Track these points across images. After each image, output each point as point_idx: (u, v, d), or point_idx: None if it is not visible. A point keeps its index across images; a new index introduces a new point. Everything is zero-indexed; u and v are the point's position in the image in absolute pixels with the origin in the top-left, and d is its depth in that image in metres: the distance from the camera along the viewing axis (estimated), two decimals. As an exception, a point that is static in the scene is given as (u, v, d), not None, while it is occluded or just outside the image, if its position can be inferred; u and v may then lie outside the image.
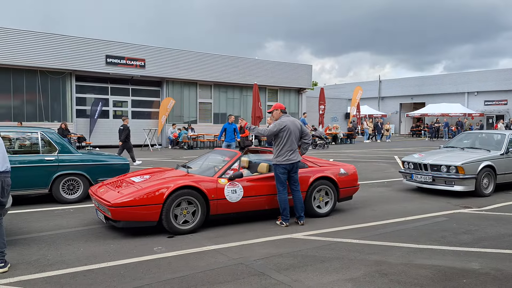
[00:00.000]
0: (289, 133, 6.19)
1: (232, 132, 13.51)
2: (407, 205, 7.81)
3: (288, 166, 6.16)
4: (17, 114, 18.87)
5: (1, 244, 4.36)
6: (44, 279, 4.10)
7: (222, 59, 24.02)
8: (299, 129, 6.37)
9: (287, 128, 6.20)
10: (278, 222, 6.30)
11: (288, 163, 6.14)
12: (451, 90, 38.32)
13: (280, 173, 6.16)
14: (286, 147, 6.16)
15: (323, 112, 25.70)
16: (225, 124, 13.70)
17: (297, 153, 6.29)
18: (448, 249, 5.14)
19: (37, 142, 7.90)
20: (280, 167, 6.15)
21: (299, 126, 6.39)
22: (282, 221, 6.22)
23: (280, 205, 6.22)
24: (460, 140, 10.40)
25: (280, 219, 6.26)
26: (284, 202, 6.19)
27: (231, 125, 13.52)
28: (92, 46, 20.10)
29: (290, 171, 6.23)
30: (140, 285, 3.95)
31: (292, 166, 6.19)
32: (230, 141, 13.35)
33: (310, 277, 4.19)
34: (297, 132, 6.32)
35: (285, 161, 6.13)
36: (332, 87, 47.38)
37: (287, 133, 6.18)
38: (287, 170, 6.18)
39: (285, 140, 6.17)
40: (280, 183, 6.20)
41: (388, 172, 12.65)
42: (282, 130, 6.18)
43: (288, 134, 6.18)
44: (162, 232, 5.71)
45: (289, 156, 6.15)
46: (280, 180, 6.19)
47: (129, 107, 22.06)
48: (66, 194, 7.82)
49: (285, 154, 6.14)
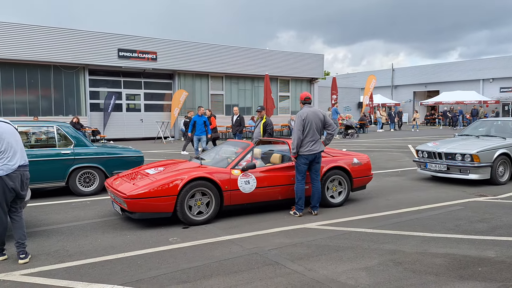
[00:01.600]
0: (310, 123, 6.19)
1: (202, 125, 12.72)
2: (421, 194, 7.77)
3: (310, 157, 6.18)
4: (33, 109, 19.16)
5: (21, 236, 4.47)
6: (64, 269, 4.21)
7: (233, 51, 23.97)
8: (321, 119, 6.34)
9: (307, 118, 6.20)
10: (291, 212, 6.33)
11: (310, 153, 6.15)
12: (465, 77, 37.71)
13: (302, 163, 6.18)
14: (308, 137, 6.16)
15: (335, 102, 25.54)
16: (194, 116, 12.98)
17: (319, 143, 6.28)
18: (463, 237, 5.12)
19: (53, 136, 8.03)
20: (302, 158, 6.17)
21: (321, 116, 6.37)
22: (296, 211, 6.25)
23: (296, 195, 6.23)
24: (475, 128, 10.27)
25: (294, 208, 6.29)
26: (301, 192, 6.21)
27: (201, 117, 12.76)
28: (104, 40, 20.24)
29: (312, 161, 6.24)
30: (156, 275, 4.03)
31: (314, 156, 6.21)
32: (200, 134, 12.68)
33: (324, 266, 4.22)
34: (319, 123, 6.30)
35: (307, 151, 6.14)
36: (344, 77, 47.02)
37: (307, 123, 6.17)
38: (309, 160, 6.19)
39: (306, 130, 6.17)
40: (300, 173, 6.21)
41: (402, 161, 12.57)
42: (303, 122, 6.17)
43: (309, 125, 6.17)
44: (177, 223, 5.79)
45: (310, 146, 6.16)
46: (300, 170, 6.21)
47: (142, 100, 22.21)
48: (83, 187, 7.96)
49: (306, 145, 6.15)
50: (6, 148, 4.35)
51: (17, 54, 18.23)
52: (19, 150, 4.49)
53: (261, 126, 9.27)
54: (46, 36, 18.88)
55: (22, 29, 18.45)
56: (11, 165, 4.35)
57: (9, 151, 4.37)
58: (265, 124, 9.26)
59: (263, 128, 9.22)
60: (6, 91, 18.62)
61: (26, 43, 18.39)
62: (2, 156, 4.32)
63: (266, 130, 9.17)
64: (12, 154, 4.39)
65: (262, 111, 9.54)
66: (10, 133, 4.47)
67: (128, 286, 3.77)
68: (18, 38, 18.23)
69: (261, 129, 9.25)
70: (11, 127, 4.55)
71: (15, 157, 4.40)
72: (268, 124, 9.26)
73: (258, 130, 9.38)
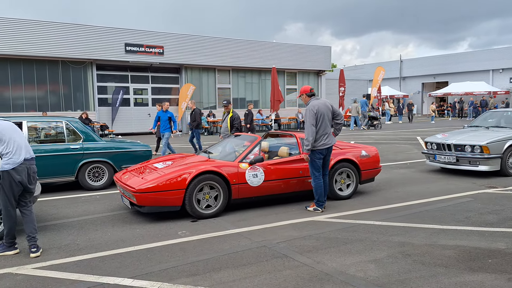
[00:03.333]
0: (322, 116, 5.96)
1: (167, 121, 11.74)
2: (430, 186, 7.72)
3: (324, 151, 6.01)
4: (42, 105, 19.30)
5: (32, 230, 4.53)
6: (75, 263, 4.25)
7: (240, 44, 23.90)
8: (330, 110, 6.12)
9: (319, 111, 5.94)
10: (310, 208, 6.12)
11: (324, 147, 5.96)
12: (475, 67, 37.25)
13: (317, 159, 5.98)
14: (321, 131, 5.94)
15: (343, 94, 25.39)
16: (158, 112, 12.10)
17: (331, 136, 6.09)
18: (473, 229, 5.08)
19: (62, 131, 8.09)
20: (316, 153, 5.96)
21: (330, 107, 6.14)
22: (318, 207, 6.06)
23: (316, 191, 6.02)
24: (485, 119, 10.16)
25: (314, 205, 6.10)
26: (320, 188, 6.00)
27: (166, 113, 11.83)
28: (111, 34, 20.28)
29: (326, 156, 6.09)
30: (166, 268, 4.06)
31: (328, 150, 6.05)
32: (164, 131, 11.65)
33: (333, 259, 4.22)
34: (329, 114, 6.08)
35: (321, 145, 5.93)
36: (351, 68, 46.71)
37: (320, 116, 5.94)
38: (323, 155, 6.02)
39: (319, 124, 5.94)
40: (316, 169, 6.01)
41: (411, 153, 12.49)
42: (316, 115, 5.93)
43: (321, 118, 5.94)
44: (186, 216, 5.82)
45: (324, 140, 5.95)
46: (315, 166, 6.00)
47: (149, 95, 22.27)
48: (92, 181, 8.02)
49: (320, 139, 5.93)
50: (10, 143, 4.43)
51: (25, 50, 18.34)
52: (23, 144, 4.56)
53: (228, 120, 8.93)
54: (53, 31, 18.97)
55: (30, 24, 18.54)
56: (16, 159, 4.41)
57: (13, 146, 4.44)
58: (232, 118, 8.92)
59: (230, 123, 8.88)
60: (15, 87, 18.78)
61: (34, 39, 18.49)
62: (7, 151, 4.39)
63: (233, 125, 8.83)
64: (17, 148, 4.46)
65: (229, 105, 9.20)
66: (12, 129, 4.55)
67: (138, 279, 3.80)
68: (26, 34, 18.33)
69: (228, 123, 8.91)
70: (11, 123, 4.65)
71: (19, 151, 4.47)
72: (235, 119, 8.93)
73: (225, 124, 9.02)
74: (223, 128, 9.21)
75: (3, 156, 4.37)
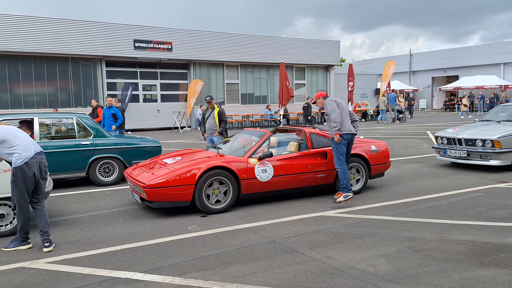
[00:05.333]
0: (342, 106, 6.42)
1: (111, 118, 11.05)
2: (440, 181, 7.67)
3: (349, 137, 6.32)
4: (52, 101, 19.47)
5: (44, 225, 4.60)
6: (87, 257, 4.31)
7: (248, 39, 23.86)
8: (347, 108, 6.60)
9: (338, 102, 6.44)
10: (338, 198, 6.19)
11: (350, 132, 6.32)
12: (486, 61, 36.73)
13: (342, 144, 6.26)
14: (344, 117, 6.34)
15: (352, 89, 25.23)
16: (104, 109, 11.42)
17: (352, 126, 6.46)
18: (484, 224, 5.05)
19: (72, 127, 8.17)
20: (342, 138, 6.25)
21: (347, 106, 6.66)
22: (347, 193, 6.20)
23: (344, 176, 6.23)
24: (496, 113, 10.05)
25: (341, 194, 6.21)
26: (347, 172, 6.28)
27: (109, 109, 11.13)
28: (120, 31, 20.36)
29: (349, 143, 6.37)
30: (176, 262, 4.10)
31: (352, 136, 6.38)
32: (108, 129, 10.59)
33: (343, 254, 4.22)
34: (347, 109, 6.53)
35: (347, 130, 6.29)
36: (360, 63, 46.37)
37: (340, 105, 6.39)
38: (348, 140, 6.32)
39: (341, 112, 6.34)
40: (341, 154, 6.28)
41: (421, 148, 12.41)
42: (336, 103, 6.38)
43: (342, 107, 6.39)
44: (196, 211, 5.86)
45: (349, 126, 6.34)
46: (341, 151, 6.27)
47: (158, 91, 22.34)
48: (103, 177, 8.09)
49: (344, 125, 6.29)
50: (17, 141, 4.52)
51: (35, 47, 18.49)
52: (30, 140, 4.67)
53: (216, 116, 8.72)
54: (63, 28, 19.09)
55: (40, 22, 18.68)
56: (27, 154, 4.50)
57: (21, 143, 4.53)
58: (219, 113, 8.69)
59: (218, 118, 8.67)
60: (26, 84, 18.95)
61: (45, 36, 18.63)
62: (16, 150, 4.47)
63: (222, 119, 8.65)
64: (25, 144, 4.55)
65: (212, 100, 8.92)
66: (15, 129, 4.68)
67: (149, 273, 3.84)
68: (36, 31, 18.47)
69: (216, 119, 8.69)
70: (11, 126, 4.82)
71: (28, 147, 4.56)
72: (222, 113, 8.70)
73: (212, 121, 8.75)
74: (210, 124, 8.83)
75: (14, 154, 4.44)
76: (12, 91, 18.70)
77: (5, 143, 4.46)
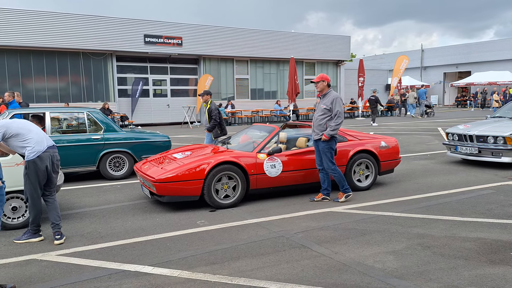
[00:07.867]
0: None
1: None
2: (451, 178, 7.61)
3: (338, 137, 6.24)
4: (64, 96, 19.67)
5: (56, 218, 4.67)
6: (97, 250, 4.36)
7: (258, 34, 23.81)
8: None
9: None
10: (342, 199, 6.07)
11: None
12: (498, 57, 36.21)
13: (335, 146, 6.05)
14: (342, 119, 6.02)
15: (362, 84, 25.09)
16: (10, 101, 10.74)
17: None
18: (494, 221, 5.00)
19: (83, 122, 8.26)
20: (335, 140, 6.01)
21: None
22: (349, 192, 6.11)
23: (342, 178, 6.04)
24: (509, 109, 9.91)
25: (343, 194, 6.10)
26: (342, 175, 6.09)
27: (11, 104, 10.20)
28: (130, 26, 20.46)
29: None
30: (185, 256, 4.13)
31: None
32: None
33: (351, 250, 4.22)
34: None
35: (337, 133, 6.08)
36: (371, 58, 46.00)
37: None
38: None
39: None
40: (333, 157, 6.04)
41: (431, 144, 12.30)
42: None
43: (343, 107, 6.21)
44: (204, 206, 5.89)
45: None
46: (333, 154, 6.03)
47: (168, 86, 22.44)
48: (113, 171, 8.17)
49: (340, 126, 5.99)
50: (30, 135, 4.57)
51: (47, 42, 18.68)
52: (42, 134, 4.71)
53: (207, 112, 8.65)
54: (74, 23, 19.24)
55: (51, 17, 18.85)
56: (39, 147, 4.56)
57: (34, 137, 4.58)
58: (209, 110, 8.59)
59: (208, 114, 8.61)
60: (38, 79, 19.17)
61: (56, 31, 18.80)
62: (29, 143, 4.51)
63: (211, 117, 8.54)
64: (38, 138, 4.60)
65: (205, 95, 8.71)
66: (28, 123, 4.72)
67: (158, 267, 3.88)
68: (47, 26, 18.66)
69: (207, 115, 8.66)
70: (23, 120, 4.83)
71: (41, 141, 4.61)
72: (212, 110, 8.56)
73: (206, 117, 8.78)
74: (204, 120, 8.97)
75: (27, 147, 4.50)
76: (25, 85, 18.93)
77: (18, 137, 4.52)
